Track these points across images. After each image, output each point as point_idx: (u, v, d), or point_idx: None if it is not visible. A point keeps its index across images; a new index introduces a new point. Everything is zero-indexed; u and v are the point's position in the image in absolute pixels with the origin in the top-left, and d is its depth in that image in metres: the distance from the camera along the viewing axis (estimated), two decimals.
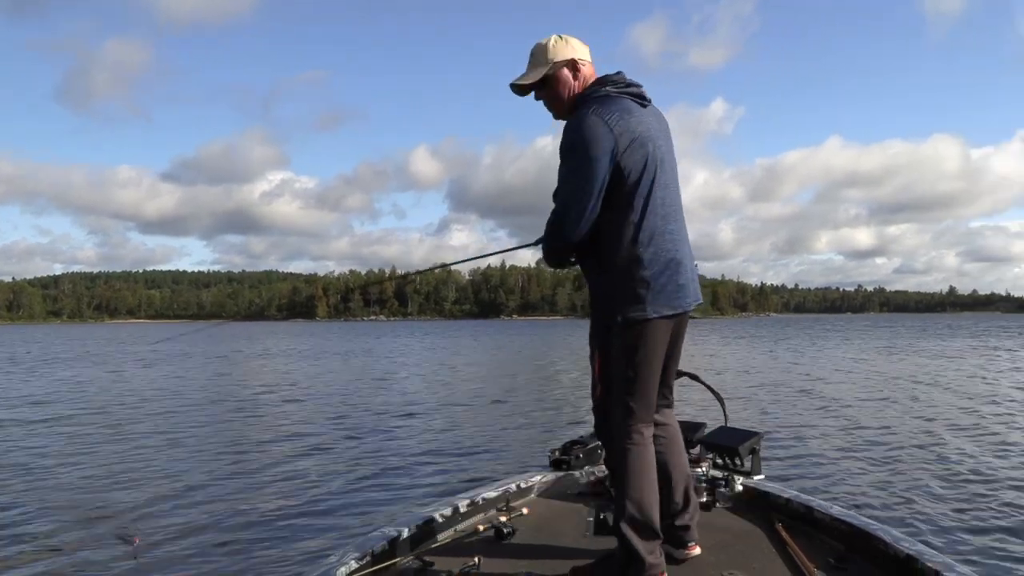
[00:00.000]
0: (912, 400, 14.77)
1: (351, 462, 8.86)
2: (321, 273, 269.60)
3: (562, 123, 2.81)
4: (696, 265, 2.90)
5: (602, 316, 2.77)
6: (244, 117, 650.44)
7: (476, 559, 2.94)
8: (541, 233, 2.86)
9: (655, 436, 2.86)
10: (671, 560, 2.86)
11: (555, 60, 2.77)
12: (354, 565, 2.84)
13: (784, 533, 3.17)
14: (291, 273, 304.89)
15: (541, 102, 2.89)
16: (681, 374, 3.89)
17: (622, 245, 2.67)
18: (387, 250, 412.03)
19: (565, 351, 35.62)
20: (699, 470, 3.68)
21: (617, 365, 2.72)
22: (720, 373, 21.36)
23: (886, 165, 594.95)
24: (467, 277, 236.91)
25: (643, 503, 2.70)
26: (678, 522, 2.95)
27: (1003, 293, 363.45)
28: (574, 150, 2.61)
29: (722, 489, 3.59)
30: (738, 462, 3.57)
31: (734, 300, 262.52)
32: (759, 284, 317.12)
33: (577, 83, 2.79)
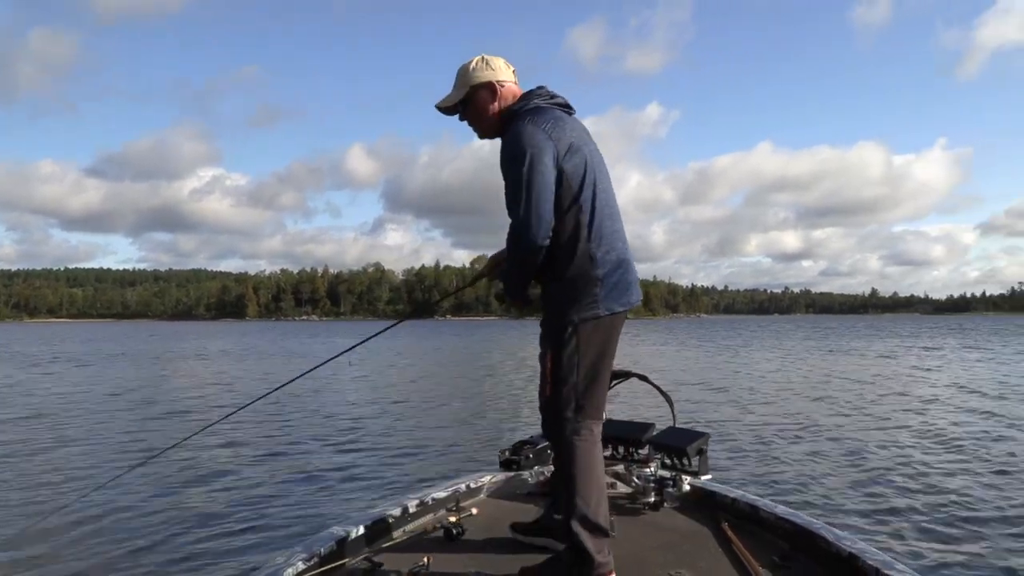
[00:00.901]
0: (851, 399, 15.28)
1: (297, 465, 8.74)
2: (252, 272, 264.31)
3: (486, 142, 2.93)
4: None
5: (555, 317, 2.78)
6: (175, 112, 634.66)
7: (426, 559, 2.92)
8: (477, 233, 2.89)
9: None
10: None
11: (472, 83, 2.86)
12: (302, 566, 2.79)
13: (730, 532, 3.22)
14: (220, 272, 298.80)
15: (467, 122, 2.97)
16: (630, 375, 3.94)
17: (575, 247, 2.71)
18: (321, 249, 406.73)
19: (505, 352, 35.71)
20: (648, 470, 3.72)
21: (570, 364, 2.74)
22: (667, 374, 21.64)
23: (814, 170, 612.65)
24: (400, 277, 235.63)
25: (592, 501, 2.73)
26: None
27: (922, 295, 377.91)
28: (519, 160, 2.65)
29: (670, 489, 3.62)
30: (686, 462, 3.62)
31: (666, 301, 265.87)
32: (690, 285, 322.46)
33: (496, 104, 2.87)
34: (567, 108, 2.89)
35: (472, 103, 2.89)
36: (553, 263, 2.75)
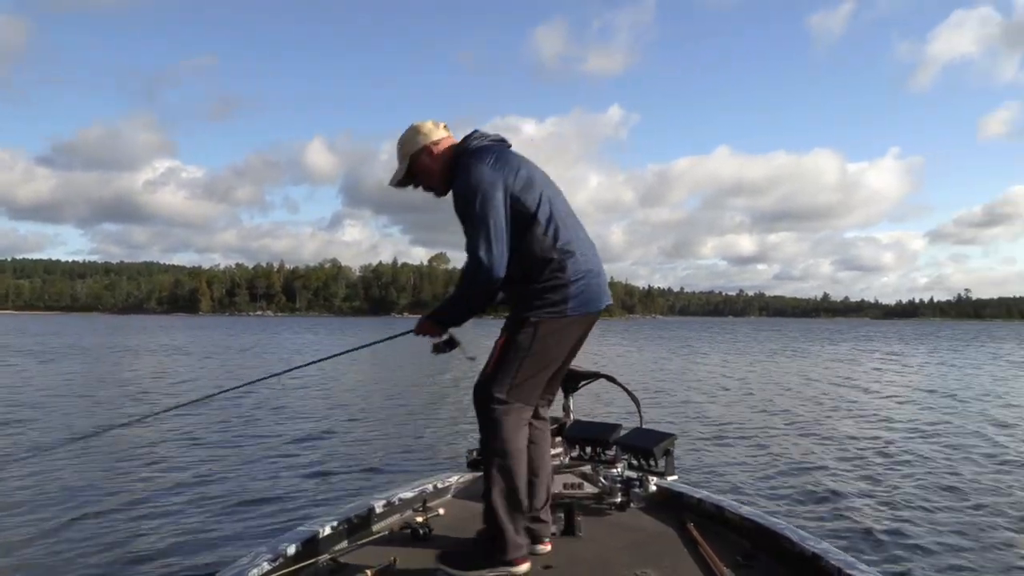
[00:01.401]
0: (814, 401, 15.66)
1: (263, 463, 8.62)
2: (206, 266, 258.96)
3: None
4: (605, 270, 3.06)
5: (521, 312, 2.88)
6: (131, 101, 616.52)
7: (392, 559, 2.93)
8: (436, 231, 2.99)
9: (529, 428, 3.04)
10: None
11: (411, 152, 3.05)
12: (267, 567, 2.78)
13: (695, 532, 3.26)
14: (173, 265, 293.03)
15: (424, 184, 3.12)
16: (598, 376, 3.96)
17: (544, 259, 2.84)
18: (277, 244, 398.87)
19: (472, 350, 35.53)
20: (614, 471, 3.75)
21: (519, 351, 2.85)
22: (632, 375, 21.77)
23: (770, 175, 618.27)
24: (358, 273, 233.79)
25: (517, 478, 2.84)
26: (542, 516, 3.09)
27: (872, 300, 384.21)
28: (470, 197, 2.80)
29: (636, 489, 3.66)
30: (652, 463, 3.65)
31: (622, 302, 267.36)
32: (646, 287, 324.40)
33: (437, 161, 3.03)
34: (504, 143, 3.07)
35: (418, 171, 3.07)
36: (525, 276, 2.86)
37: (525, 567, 2.83)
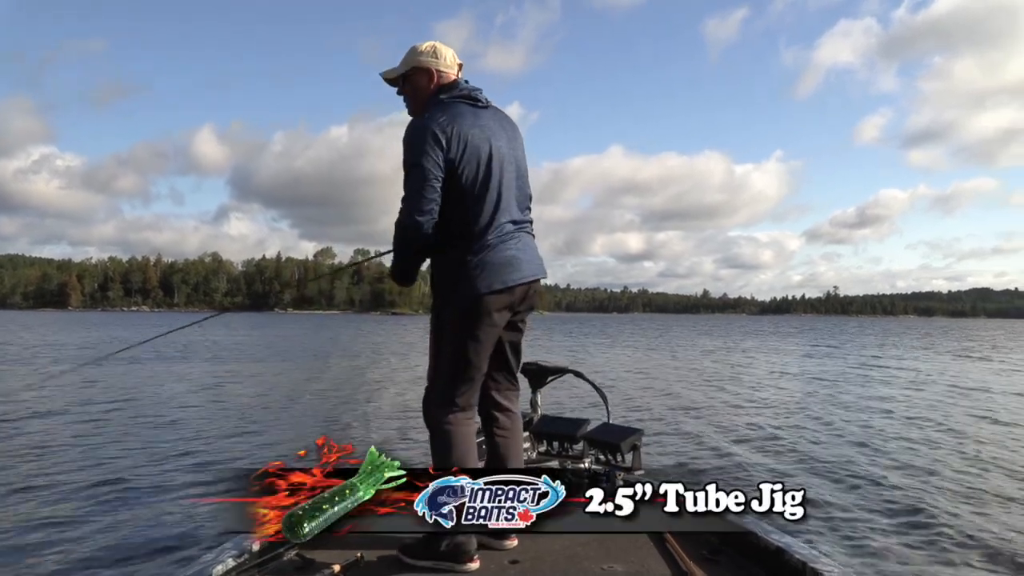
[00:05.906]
0: (770, 394, 16.27)
1: (223, 459, 8.35)
2: (79, 259, 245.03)
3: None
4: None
5: (434, 300, 2.93)
6: (7, 86, 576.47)
7: (359, 554, 2.91)
8: (327, 225, 3.02)
9: (496, 420, 3.09)
10: (491, 549, 3.01)
11: (415, 65, 3.04)
12: (232, 563, 2.71)
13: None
14: (41, 258, 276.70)
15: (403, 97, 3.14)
16: (566, 371, 3.98)
17: (458, 234, 2.86)
18: (158, 237, 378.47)
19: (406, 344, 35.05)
20: (582, 465, 3.78)
21: (444, 344, 2.89)
22: (595, 369, 21.86)
23: (661, 175, 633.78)
24: (240, 268, 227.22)
25: None
26: None
27: (749, 297, 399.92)
28: (406, 152, 2.86)
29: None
30: (620, 458, 3.69)
31: None
32: None
33: (428, 91, 3.03)
34: (476, 101, 3.01)
35: (410, 82, 3.07)
36: (441, 247, 2.89)
37: (474, 565, 2.83)
